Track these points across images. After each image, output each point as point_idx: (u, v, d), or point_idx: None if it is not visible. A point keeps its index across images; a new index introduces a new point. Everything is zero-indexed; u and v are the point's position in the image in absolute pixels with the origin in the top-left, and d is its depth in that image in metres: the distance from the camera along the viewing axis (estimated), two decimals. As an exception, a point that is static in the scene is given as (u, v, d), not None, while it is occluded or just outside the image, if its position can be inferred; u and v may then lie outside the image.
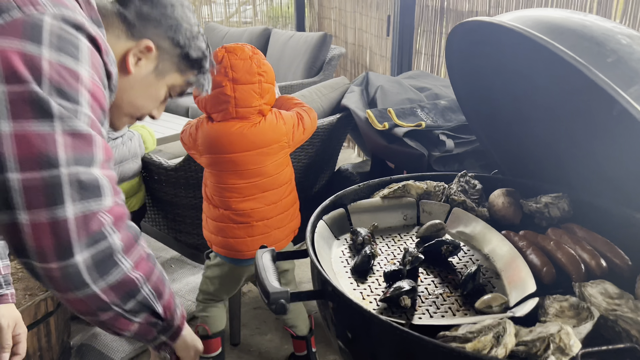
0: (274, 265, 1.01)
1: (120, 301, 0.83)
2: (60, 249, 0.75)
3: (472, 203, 1.29)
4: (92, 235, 0.77)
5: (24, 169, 0.72)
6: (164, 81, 1.06)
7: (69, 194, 0.75)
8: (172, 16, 1.02)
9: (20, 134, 0.72)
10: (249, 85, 1.71)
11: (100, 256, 0.79)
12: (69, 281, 0.77)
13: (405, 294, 0.95)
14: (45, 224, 0.74)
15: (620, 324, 0.83)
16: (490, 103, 1.46)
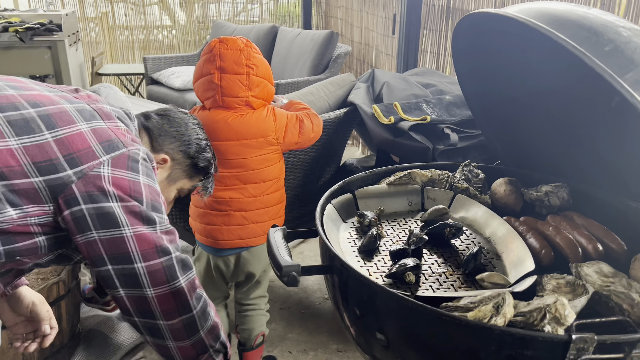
0: (285, 242, 1.06)
1: (213, 342, 1.08)
2: (182, 308, 1.01)
3: (475, 190, 1.34)
4: (196, 295, 1.04)
5: (146, 259, 0.97)
6: (174, 186, 1.29)
7: (179, 270, 1.01)
8: (186, 133, 1.28)
9: (139, 234, 0.96)
10: (236, 76, 1.76)
11: (203, 308, 1.05)
12: (188, 330, 1.03)
13: (410, 270, 1.00)
14: (168, 294, 1.00)
15: (614, 299, 0.88)
16: (495, 95, 1.50)
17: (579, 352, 0.76)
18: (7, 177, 0.88)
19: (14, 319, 1.22)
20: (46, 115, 0.94)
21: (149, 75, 4.72)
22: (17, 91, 0.96)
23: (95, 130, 0.97)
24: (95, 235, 0.93)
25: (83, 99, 1.04)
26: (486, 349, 0.81)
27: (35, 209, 0.91)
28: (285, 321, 2.48)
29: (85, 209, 0.92)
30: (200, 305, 1.05)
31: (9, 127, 0.90)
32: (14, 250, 0.92)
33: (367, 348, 1.07)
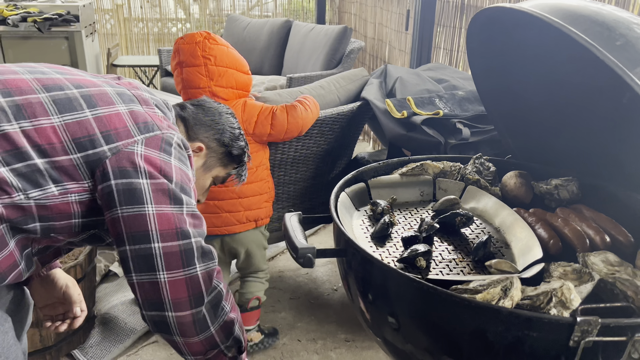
0: (300, 226, 1.10)
1: (225, 339, 1.06)
2: (195, 298, 0.99)
3: (486, 182, 1.37)
4: (211, 287, 1.02)
5: (164, 239, 0.97)
6: (210, 174, 1.31)
7: (197, 257, 1.00)
8: (220, 122, 1.30)
9: (161, 214, 0.97)
10: (194, 68, 1.82)
11: (215, 301, 1.03)
12: (198, 326, 1.01)
13: (421, 255, 1.03)
14: (181, 280, 0.98)
15: (618, 286, 0.91)
16: (508, 91, 1.53)
17: (583, 334, 0.80)
18: (49, 154, 0.93)
19: (46, 301, 1.26)
20: (88, 95, 1.00)
21: (164, 67, 4.77)
22: (63, 75, 1.02)
23: (133, 112, 1.02)
24: (119, 211, 0.96)
25: (124, 85, 1.09)
26: (494, 329, 0.84)
27: (74, 186, 0.95)
28: (294, 310, 2.52)
29: (115, 184, 0.95)
30: (213, 297, 1.02)
31: (53, 106, 0.95)
32: (50, 227, 0.96)
33: (378, 331, 1.10)
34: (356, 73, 2.67)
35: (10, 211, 0.91)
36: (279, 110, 1.93)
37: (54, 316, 1.28)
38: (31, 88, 0.97)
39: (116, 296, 2.49)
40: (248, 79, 1.96)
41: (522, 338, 0.83)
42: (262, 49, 4.72)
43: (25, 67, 1.03)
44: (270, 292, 2.65)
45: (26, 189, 0.92)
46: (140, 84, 1.13)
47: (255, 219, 2.03)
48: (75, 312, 1.27)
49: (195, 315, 1.00)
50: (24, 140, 0.92)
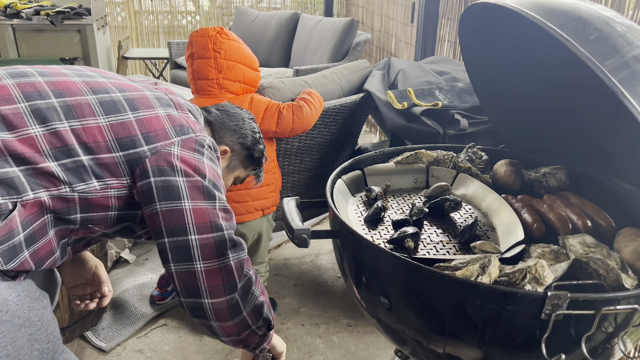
0: (297, 209, 1.17)
1: (256, 320, 1.15)
2: (229, 286, 1.08)
3: (477, 170, 1.43)
4: (243, 275, 1.11)
5: (200, 232, 1.05)
6: (232, 174, 1.42)
7: (229, 248, 1.09)
8: (243, 127, 1.40)
9: (197, 209, 1.06)
10: (204, 60, 1.91)
11: (246, 288, 1.11)
12: (232, 311, 1.11)
13: (409, 237, 1.10)
14: (216, 269, 1.07)
15: (592, 265, 0.97)
16: (500, 82, 1.58)
17: (554, 307, 0.86)
18: (94, 151, 1.02)
19: (75, 281, 1.35)
20: (130, 99, 1.09)
21: (173, 59, 4.85)
22: (107, 79, 1.12)
23: (170, 116, 1.12)
24: (157, 206, 1.05)
25: (162, 90, 1.19)
26: (472, 304, 0.91)
27: (115, 182, 1.05)
28: (299, 296, 2.60)
29: (154, 181, 1.04)
30: (245, 284, 1.11)
31: (100, 107, 1.05)
32: (89, 218, 1.06)
33: (372, 312, 1.17)
34: (359, 64, 2.73)
35: (56, 202, 1.00)
36: (286, 109, 2.01)
37: (82, 296, 1.37)
38: (80, 90, 1.06)
39: (127, 281, 2.58)
40: (256, 75, 2.04)
41: (498, 312, 0.89)
42: (269, 42, 4.78)
43: (73, 70, 1.13)
44: (275, 278, 2.74)
45: (72, 182, 1.00)
46: (175, 90, 1.24)
47: (263, 209, 2.12)
48: (104, 292, 1.36)
49: (229, 302, 1.08)
50: (72, 138, 1.01)
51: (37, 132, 0.98)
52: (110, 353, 2.15)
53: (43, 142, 0.98)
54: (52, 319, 1.10)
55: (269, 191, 2.11)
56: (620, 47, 0.91)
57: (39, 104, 1.00)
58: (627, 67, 0.88)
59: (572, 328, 0.90)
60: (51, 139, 0.99)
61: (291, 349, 2.22)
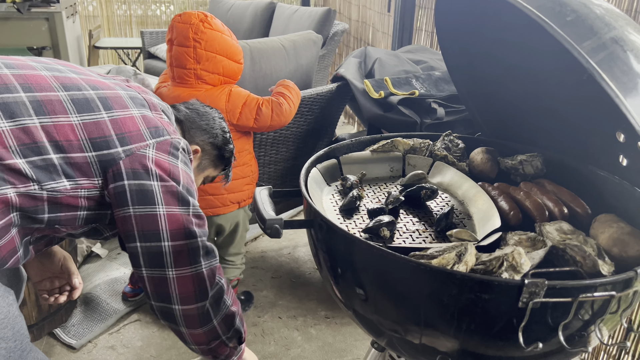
0: (270, 199, 1.13)
1: (226, 330, 1.14)
2: (200, 293, 1.07)
3: (454, 158, 1.41)
4: (215, 283, 1.09)
5: (173, 238, 1.04)
6: (202, 174, 1.40)
7: (202, 255, 1.07)
8: (214, 126, 1.37)
9: (171, 214, 1.04)
10: (183, 48, 1.85)
11: (217, 296, 1.10)
12: (202, 318, 1.08)
13: (385, 226, 1.07)
14: (188, 277, 1.05)
15: (568, 252, 0.96)
16: (477, 70, 1.57)
17: (531, 295, 0.84)
18: (66, 150, 0.98)
19: (42, 275, 1.30)
20: (104, 97, 1.05)
21: (147, 49, 4.74)
22: (78, 75, 1.07)
23: (145, 117, 1.08)
24: (131, 210, 1.01)
25: (135, 88, 1.15)
26: (448, 293, 0.88)
27: (86, 182, 1.01)
28: (276, 289, 2.57)
29: (128, 184, 1.01)
30: (216, 292, 1.10)
31: (72, 105, 1.00)
32: (56, 218, 1.01)
33: (348, 303, 1.14)
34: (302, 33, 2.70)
35: (23, 200, 0.95)
36: (265, 105, 1.95)
37: (50, 290, 1.32)
38: (50, 85, 1.01)
39: (98, 276, 2.51)
40: (238, 67, 1.97)
41: (474, 300, 0.87)
42: (245, 31, 4.70)
43: (40, 63, 1.07)
44: (252, 271, 2.70)
45: (41, 180, 0.96)
46: (147, 89, 1.18)
47: (239, 201, 2.08)
48: (74, 284, 1.32)
49: (200, 309, 1.07)
50: (42, 135, 0.96)
51: (4, 127, 0.93)
52: (81, 350, 2.09)
53: (10, 138, 0.93)
54: (18, 316, 1.06)
55: (245, 184, 2.07)
56: (598, 28, 0.89)
57: (6, 97, 0.95)
58: (604, 49, 0.86)
59: (549, 316, 0.88)
60: (19, 135, 0.94)
61: (268, 343, 2.19)
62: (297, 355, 2.12)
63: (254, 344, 2.17)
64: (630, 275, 0.88)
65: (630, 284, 0.89)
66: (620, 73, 0.85)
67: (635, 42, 0.92)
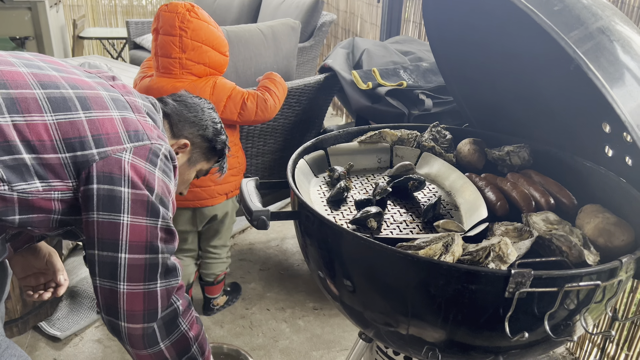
0: (256, 191, 1.12)
1: (177, 356, 1.07)
2: (149, 314, 1.00)
3: (441, 149, 1.41)
4: (168, 304, 1.03)
5: (132, 251, 0.98)
6: (194, 168, 1.35)
7: (160, 273, 1.01)
8: (203, 118, 1.32)
9: (135, 225, 0.98)
10: (169, 37, 1.83)
11: (168, 318, 1.04)
12: (146, 340, 1.02)
13: (372, 217, 1.07)
14: (139, 294, 0.99)
15: (554, 242, 0.96)
16: (465, 61, 1.56)
17: (517, 285, 0.84)
18: (38, 150, 0.94)
19: (27, 271, 1.26)
20: (83, 97, 1.00)
21: (132, 39, 4.67)
22: (59, 73, 1.02)
23: (125, 119, 1.03)
24: (94, 216, 0.97)
25: (118, 88, 1.10)
26: (435, 283, 0.88)
27: (59, 184, 0.97)
28: (264, 281, 2.56)
29: (96, 188, 0.96)
30: (168, 314, 1.03)
31: (48, 104, 0.96)
32: (28, 220, 0.97)
33: (335, 295, 1.14)
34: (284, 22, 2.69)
35: None
36: (250, 100, 1.94)
37: (35, 287, 1.28)
38: (27, 83, 0.97)
39: (84, 269, 2.49)
40: (224, 59, 1.95)
41: (461, 291, 0.87)
42: (232, 22, 4.65)
43: (20, 59, 1.02)
44: (240, 263, 2.69)
45: (11, 180, 0.92)
46: (133, 89, 1.14)
47: (226, 192, 2.07)
48: (59, 280, 1.28)
49: (145, 330, 1.01)
50: (14, 134, 0.92)
51: None
52: (67, 343, 2.07)
53: None
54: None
55: (230, 175, 2.06)
56: (585, 18, 0.89)
57: None
58: (591, 39, 0.86)
59: (535, 306, 0.89)
60: None
61: (256, 335, 2.19)
62: (285, 347, 2.12)
63: (242, 336, 2.17)
64: (615, 265, 0.89)
65: (615, 274, 0.90)
66: (606, 63, 0.85)
67: (622, 33, 0.92)
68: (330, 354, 2.09)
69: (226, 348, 1.89)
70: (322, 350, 2.11)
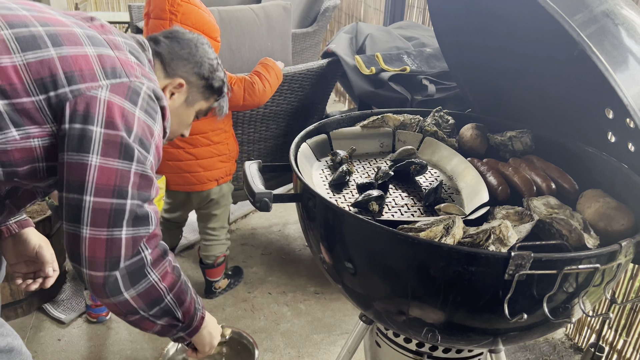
0: (259, 173, 1.13)
1: (146, 307, 1.01)
2: (109, 262, 0.95)
3: (444, 134, 1.41)
4: (133, 254, 0.97)
5: (98, 194, 0.92)
6: (193, 108, 1.27)
7: (127, 220, 0.95)
8: (197, 54, 1.22)
9: (104, 166, 0.91)
10: (159, 21, 1.83)
11: (133, 268, 0.98)
12: (108, 289, 0.97)
13: (374, 200, 1.07)
14: (102, 240, 0.93)
15: (555, 225, 0.97)
16: (469, 46, 1.56)
17: (517, 267, 0.85)
18: (10, 95, 0.88)
19: (17, 259, 1.24)
20: (55, 34, 0.94)
21: (134, 24, 4.64)
22: (30, 12, 0.96)
23: (102, 56, 0.96)
24: (65, 156, 0.92)
25: (96, 27, 1.03)
26: (436, 265, 0.89)
27: (36, 130, 0.92)
28: (266, 266, 2.58)
29: (69, 128, 0.91)
30: (133, 264, 0.97)
31: (16, 43, 0.90)
32: (13, 172, 0.94)
33: (337, 277, 1.15)
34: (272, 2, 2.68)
35: None
36: (237, 84, 1.95)
37: (25, 274, 1.26)
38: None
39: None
40: (214, 44, 1.95)
41: (461, 273, 0.88)
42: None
43: None
44: (242, 248, 2.71)
45: None
46: (113, 28, 1.06)
47: (217, 178, 2.11)
48: (47, 272, 1.25)
49: (106, 278, 0.96)
50: None
51: None
52: (71, 325, 2.09)
53: None
54: None
55: (219, 161, 2.09)
56: (589, 1, 0.88)
57: None
58: (595, 22, 0.86)
59: (534, 288, 0.90)
60: None
61: (258, 318, 2.21)
62: (286, 330, 2.15)
63: (244, 319, 2.19)
64: (614, 249, 0.89)
65: (614, 257, 0.90)
66: (610, 47, 0.85)
67: (627, 16, 0.91)
68: (331, 337, 2.12)
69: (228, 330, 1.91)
70: (323, 333, 2.14)
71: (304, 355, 2.02)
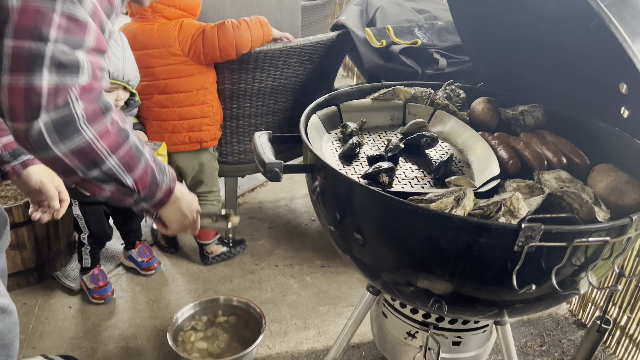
0: (270, 144, 1.13)
1: (83, 167, 0.93)
2: (29, 111, 0.86)
3: (455, 107, 1.40)
4: (57, 105, 0.87)
5: (17, 36, 0.83)
6: None
7: (48, 66, 0.85)
8: None
9: (24, 7, 0.82)
10: None
11: (61, 122, 0.88)
12: (32, 142, 0.88)
13: (384, 172, 1.07)
14: (20, 88, 0.85)
15: (565, 199, 0.97)
16: (482, 19, 1.53)
17: (527, 239, 0.85)
18: None
19: (27, 189, 1.26)
20: None
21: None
22: None
23: None
24: None
25: None
26: (446, 236, 0.90)
27: None
28: (273, 239, 2.60)
29: None
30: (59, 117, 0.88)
31: None
32: None
33: (346, 248, 1.16)
34: None
35: None
36: (210, 27, 1.95)
37: (41, 201, 1.29)
38: None
39: (97, 223, 2.53)
40: (195, 2, 1.99)
41: (471, 244, 0.89)
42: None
43: None
44: (249, 221, 2.73)
45: None
46: None
47: (199, 141, 2.13)
48: (54, 206, 1.28)
49: (28, 130, 0.88)
50: None
51: None
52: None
53: None
54: None
55: (204, 124, 2.10)
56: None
57: None
58: (615, -8, 0.84)
59: (543, 260, 0.90)
60: None
61: (265, 289, 2.24)
62: (293, 301, 2.18)
63: (251, 290, 2.22)
64: (625, 222, 0.89)
65: (624, 231, 0.90)
66: (629, 17, 0.83)
67: (647, -13, 0.89)
68: (337, 309, 2.14)
69: (236, 300, 1.95)
70: (329, 305, 2.16)
71: (309, 326, 2.05)
